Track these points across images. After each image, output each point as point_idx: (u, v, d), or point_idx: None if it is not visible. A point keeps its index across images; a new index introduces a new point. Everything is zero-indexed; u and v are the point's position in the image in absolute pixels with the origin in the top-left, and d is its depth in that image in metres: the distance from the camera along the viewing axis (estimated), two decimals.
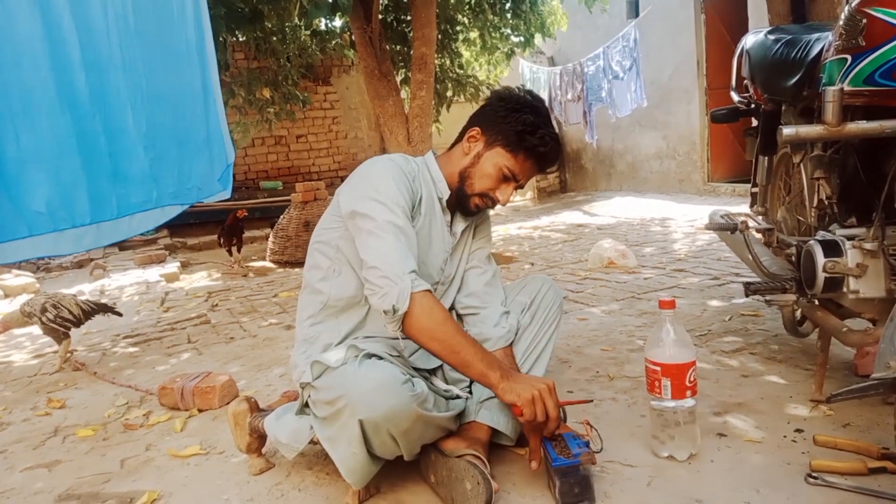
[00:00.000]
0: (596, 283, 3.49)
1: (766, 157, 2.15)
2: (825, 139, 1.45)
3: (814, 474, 1.34)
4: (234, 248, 5.50)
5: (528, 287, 1.72)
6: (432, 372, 1.59)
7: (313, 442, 1.41)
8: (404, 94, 5.41)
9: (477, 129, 1.52)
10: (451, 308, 1.66)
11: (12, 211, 1.36)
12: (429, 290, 1.34)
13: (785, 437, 1.53)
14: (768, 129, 1.99)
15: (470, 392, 1.56)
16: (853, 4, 1.32)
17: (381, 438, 1.26)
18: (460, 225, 1.61)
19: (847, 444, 1.45)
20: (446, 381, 1.57)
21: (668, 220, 5.71)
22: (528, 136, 1.45)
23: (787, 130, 1.31)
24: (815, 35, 1.67)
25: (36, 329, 2.85)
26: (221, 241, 5.60)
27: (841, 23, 1.35)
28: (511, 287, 1.76)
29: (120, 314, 3.09)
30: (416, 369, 1.50)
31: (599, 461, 1.47)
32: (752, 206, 2.30)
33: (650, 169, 8.48)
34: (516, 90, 1.55)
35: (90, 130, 1.46)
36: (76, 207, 1.43)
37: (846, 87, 1.33)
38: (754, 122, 2.30)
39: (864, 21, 1.28)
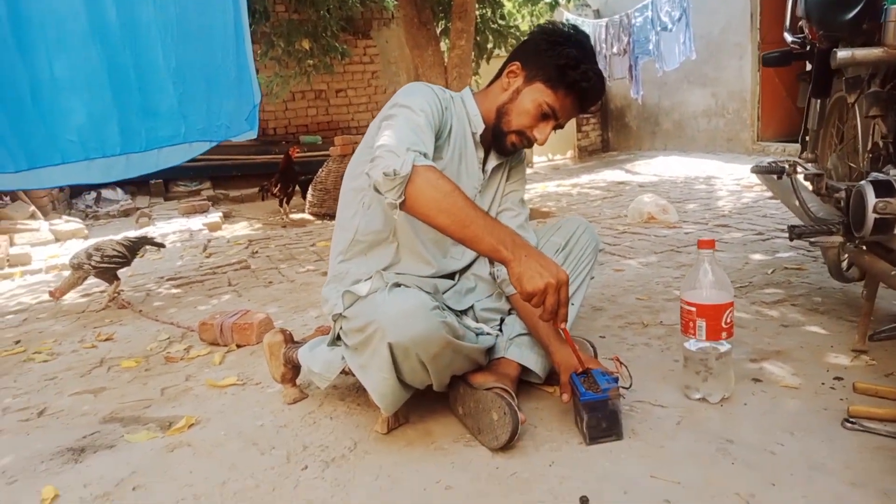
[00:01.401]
0: (634, 237, 3.42)
1: (819, 101, 2.04)
2: (884, 61, 1.36)
3: (851, 419, 1.30)
4: (285, 199, 5.45)
5: (563, 228, 1.69)
6: (464, 312, 1.59)
7: (345, 372, 1.44)
8: (444, 45, 5.31)
9: (517, 63, 1.47)
10: None
11: (46, 138, 1.40)
12: (434, 166, 1.26)
13: (823, 384, 1.49)
14: (822, 68, 1.88)
15: (501, 330, 1.56)
16: None
17: (410, 364, 1.27)
18: (492, 163, 1.58)
19: (888, 392, 1.40)
20: (477, 321, 1.58)
21: (714, 179, 5.54)
22: (569, 70, 1.40)
23: (843, 53, 1.23)
24: None
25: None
26: (277, 188, 5.44)
27: None
28: (546, 228, 1.73)
29: (162, 245, 3.18)
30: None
31: (629, 400, 1.46)
32: (801, 153, 2.20)
33: (697, 127, 8.20)
34: (561, 24, 1.49)
35: (121, 63, 1.48)
36: (107, 137, 1.46)
37: None
38: (808, 68, 2.18)
39: None
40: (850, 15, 1.63)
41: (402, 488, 1.21)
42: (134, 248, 2.89)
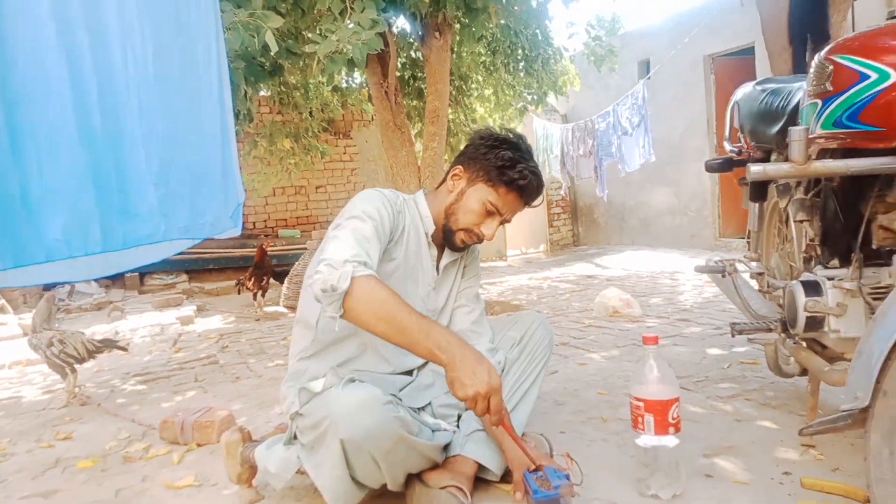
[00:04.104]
0: (599, 330, 3.49)
1: (758, 205, 2.20)
2: (791, 177, 1.50)
3: None
4: (259, 293, 5.47)
5: (518, 323, 1.75)
6: (421, 409, 1.61)
7: (301, 472, 1.44)
8: (419, 146, 5.58)
9: (460, 167, 1.59)
10: None
11: (34, 237, 1.45)
12: (374, 276, 1.31)
13: (773, 479, 1.53)
14: None
15: (458, 426, 1.58)
16: (822, 53, 1.40)
17: (363, 460, 1.28)
18: (446, 260, 1.67)
19: (834, 488, 1.44)
20: (434, 417, 1.60)
21: (678, 274, 5.71)
22: (507, 170, 1.51)
23: (755, 168, 1.36)
24: (798, 84, 1.74)
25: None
26: (252, 281, 5.46)
27: (812, 70, 1.43)
28: (502, 322, 1.79)
29: (125, 349, 3.14)
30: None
31: (585, 497, 1.47)
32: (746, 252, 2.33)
33: (662, 224, 8.52)
34: (497, 129, 1.62)
35: (103, 167, 1.56)
36: (89, 237, 1.51)
37: (819, 131, 1.39)
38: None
39: (831, 67, 1.35)
40: (776, 130, 1.81)
41: None
42: (96, 352, 2.87)
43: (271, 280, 5.67)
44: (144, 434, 2.31)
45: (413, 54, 6.20)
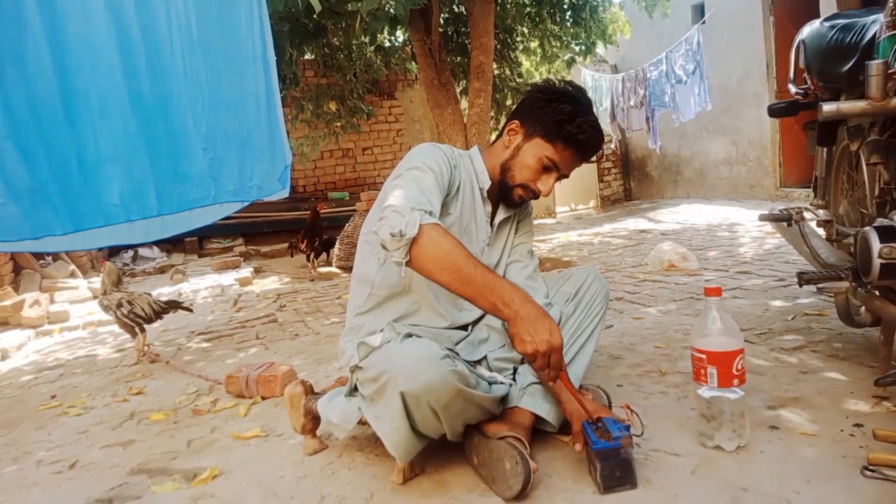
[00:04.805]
0: (654, 284, 3.43)
1: (826, 149, 2.08)
2: (868, 115, 1.40)
3: (871, 467, 1.28)
4: (313, 254, 5.58)
5: (573, 277, 1.73)
6: (477, 363, 1.62)
7: (362, 422, 1.48)
8: (464, 103, 5.50)
9: (516, 121, 1.56)
10: None
11: (92, 202, 1.51)
12: (440, 225, 1.31)
13: (842, 431, 1.48)
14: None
15: (514, 379, 1.59)
16: None
17: (422, 412, 1.30)
18: (500, 216, 1.65)
19: None
20: (490, 371, 1.61)
21: (737, 226, 5.52)
22: (566, 125, 1.47)
23: (828, 107, 1.28)
24: (872, 17, 1.62)
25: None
26: (304, 243, 5.58)
27: (892, 1, 1.32)
28: (557, 277, 1.77)
29: (190, 310, 3.27)
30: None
31: (645, 449, 1.46)
32: (813, 199, 2.22)
33: (719, 175, 8.22)
34: (555, 81, 1.58)
35: (154, 132, 1.60)
36: (145, 201, 1.57)
37: None
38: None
39: None
40: (847, 67, 1.69)
41: None
42: (162, 313, 3.00)
43: (320, 245, 5.75)
44: (211, 389, 2.42)
45: (456, 8, 6.06)
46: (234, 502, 1.46)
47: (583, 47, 6.58)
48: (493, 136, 1.76)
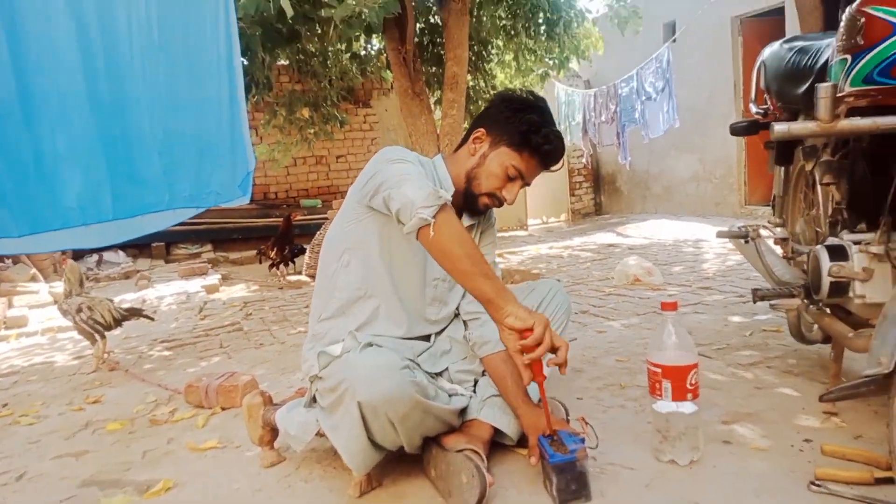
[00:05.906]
0: (619, 298, 3.47)
1: (784, 168, 2.14)
2: (818, 136, 1.45)
3: (817, 482, 1.32)
4: (281, 262, 5.52)
5: (536, 290, 1.74)
6: (439, 374, 1.62)
7: (320, 434, 1.46)
8: (438, 114, 5.52)
9: (482, 129, 1.56)
10: (456, 314, 1.68)
11: (49, 204, 1.48)
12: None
13: (792, 446, 1.51)
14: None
15: (474, 392, 1.59)
16: (854, 5, 1.33)
17: (380, 423, 1.30)
18: (464, 224, 1.65)
19: (855, 455, 1.42)
20: (451, 383, 1.61)
21: (702, 242, 5.63)
22: (532, 135, 1.49)
23: (779, 127, 1.32)
24: (827, 41, 1.68)
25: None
26: (274, 251, 5.53)
27: (842, 24, 1.37)
28: (520, 290, 1.77)
29: (151, 318, 3.21)
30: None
31: (600, 462, 1.48)
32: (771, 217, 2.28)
33: (686, 192, 8.38)
34: (519, 91, 1.59)
35: (111, 134, 1.58)
36: (101, 204, 1.54)
37: (848, 88, 1.34)
38: None
39: (863, 20, 1.29)
40: (803, 89, 1.75)
41: None
42: (123, 320, 2.94)
43: (289, 253, 5.69)
44: (170, 398, 2.38)
45: (432, 19, 6.09)
46: None
47: (556, 62, 6.67)
48: None
